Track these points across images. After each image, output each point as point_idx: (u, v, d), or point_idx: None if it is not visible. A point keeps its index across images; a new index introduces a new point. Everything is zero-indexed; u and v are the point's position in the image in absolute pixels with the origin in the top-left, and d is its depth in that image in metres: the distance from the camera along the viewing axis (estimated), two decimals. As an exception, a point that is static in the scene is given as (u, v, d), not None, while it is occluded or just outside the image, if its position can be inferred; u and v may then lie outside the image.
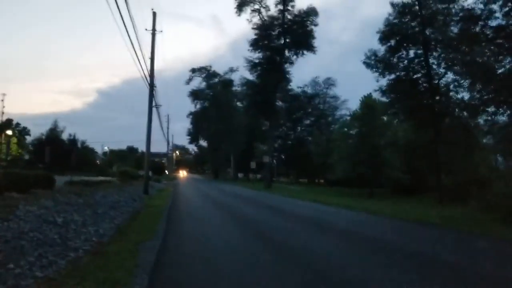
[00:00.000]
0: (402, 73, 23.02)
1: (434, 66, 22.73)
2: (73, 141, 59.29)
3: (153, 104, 21.56)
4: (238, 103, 62.48)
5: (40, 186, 10.42)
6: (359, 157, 28.58)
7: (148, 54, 18.70)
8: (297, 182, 65.73)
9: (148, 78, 18.18)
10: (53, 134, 53.07)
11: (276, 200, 19.51)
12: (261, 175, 72.76)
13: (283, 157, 72.10)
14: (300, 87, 64.09)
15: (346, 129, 34.34)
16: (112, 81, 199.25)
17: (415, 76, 23.16)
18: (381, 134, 29.30)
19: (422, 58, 22.62)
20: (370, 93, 34.20)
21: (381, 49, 23.40)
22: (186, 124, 74.08)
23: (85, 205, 9.12)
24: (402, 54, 23.20)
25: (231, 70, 57.89)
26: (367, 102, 31.37)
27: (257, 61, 35.16)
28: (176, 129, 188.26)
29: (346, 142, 32.17)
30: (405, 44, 23.00)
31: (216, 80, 59.33)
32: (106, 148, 74.72)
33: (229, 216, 12.00)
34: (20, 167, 30.48)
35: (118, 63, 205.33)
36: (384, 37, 22.85)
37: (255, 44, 34.25)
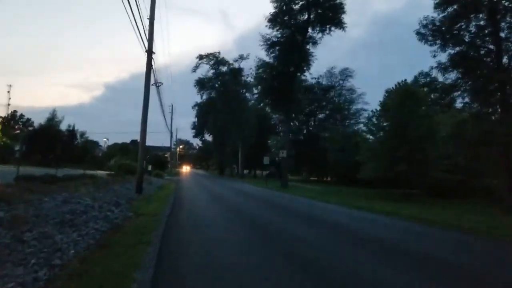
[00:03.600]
0: (466, 46, 18.39)
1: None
2: (71, 132, 55.41)
3: (153, 79, 17.23)
4: (248, 94, 58.03)
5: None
6: (397, 154, 23.99)
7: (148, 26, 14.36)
8: (309, 180, 61.40)
9: (146, 43, 13.83)
10: (49, 125, 49.01)
11: (303, 204, 15.36)
12: (269, 171, 68.60)
13: (293, 153, 67.57)
14: (315, 78, 59.33)
15: (377, 122, 29.69)
16: (120, 75, 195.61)
17: (480, 50, 18.54)
18: (424, 125, 24.66)
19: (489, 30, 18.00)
20: (405, 80, 29.65)
21: (436, 18, 18.83)
22: (191, 118, 69.80)
23: (11, 222, 4.80)
24: (462, 25, 18.58)
25: (241, 57, 53.35)
26: (406, 88, 26.72)
27: (275, 39, 30.38)
28: (180, 124, 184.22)
29: (379, 136, 27.40)
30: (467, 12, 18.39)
31: (225, 69, 54.77)
32: (105, 140, 70.65)
33: (258, 234, 7.67)
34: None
35: (126, 58, 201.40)
36: (443, 2, 18.21)
37: (273, 20, 29.38)
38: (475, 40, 18.46)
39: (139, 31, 13.01)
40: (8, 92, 60.17)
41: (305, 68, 31.63)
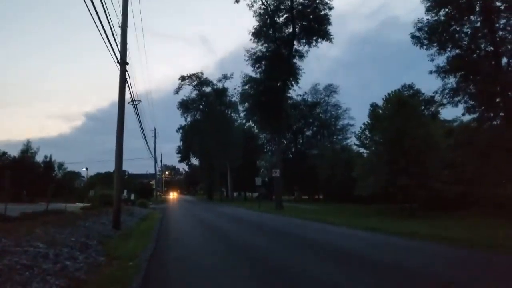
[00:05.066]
0: (463, 49, 17.44)
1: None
2: (48, 164, 52.32)
3: (129, 96, 15.47)
4: (234, 115, 56.60)
5: None
6: (396, 166, 22.55)
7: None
8: (301, 199, 59.52)
9: (118, 54, 12.09)
10: (22, 157, 45.91)
11: (309, 230, 13.55)
12: (259, 193, 66.14)
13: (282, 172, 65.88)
14: (300, 95, 58.59)
15: (370, 134, 28.41)
16: (100, 104, 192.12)
17: (478, 52, 17.61)
18: (421, 135, 23.45)
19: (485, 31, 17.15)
20: (398, 89, 28.81)
21: (430, 20, 17.93)
22: (176, 144, 67.52)
23: None
24: (457, 27, 17.72)
25: (225, 77, 52.27)
26: (399, 97, 25.70)
27: (260, 54, 29.18)
28: (165, 150, 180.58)
29: (375, 149, 25.97)
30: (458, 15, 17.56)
31: (209, 89, 53.43)
32: (84, 170, 67.33)
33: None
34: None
35: (106, 85, 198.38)
36: (436, 5, 17.37)
37: (258, 34, 28.25)
38: (472, 42, 17.60)
39: (109, 43, 11.30)
40: None
41: (293, 82, 30.45)
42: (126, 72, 13.13)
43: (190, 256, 7.92)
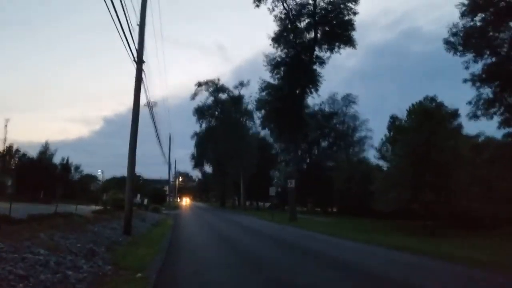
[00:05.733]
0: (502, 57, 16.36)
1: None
2: (65, 166, 52.70)
3: (145, 98, 15.07)
4: (249, 122, 56.08)
5: None
6: (422, 181, 21.35)
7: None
8: (315, 211, 58.13)
9: (135, 52, 11.68)
10: (40, 159, 46.25)
11: (329, 246, 12.75)
12: (271, 203, 65.09)
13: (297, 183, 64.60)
14: (317, 105, 57.62)
15: (392, 147, 27.36)
16: (118, 109, 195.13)
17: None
18: (449, 148, 22.24)
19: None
20: (421, 101, 27.69)
21: (466, 25, 16.98)
22: (190, 150, 67.02)
23: None
24: (493, 33, 16.70)
25: (242, 84, 51.94)
26: (425, 108, 24.62)
27: (279, 59, 28.61)
28: (179, 156, 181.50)
29: (398, 163, 24.74)
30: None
31: (225, 96, 53.18)
32: (100, 172, 67.57)
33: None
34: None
35: (124, 91, 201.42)
36: (472, 9, 16.44)
37: (277, 39, 27.75)
38: (511, 50, 16.53)
39: (127, 40, 10.88)
40: (5, 126, 57.90)
41: (312, 90, 29.63)
42: (142, 72, 12.70)
43: (203, 271, 7.17)
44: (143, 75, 12.96)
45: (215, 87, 51.44)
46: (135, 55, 11.75)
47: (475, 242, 16.98)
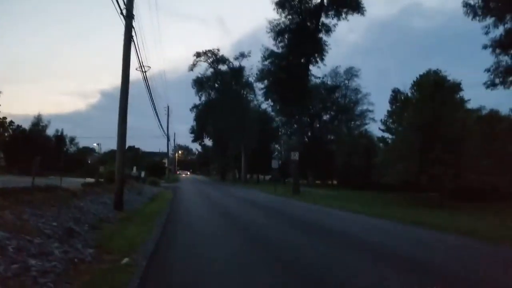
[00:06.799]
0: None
1: None
2: (59, 138, 51.46)
3: (137, 58, 13.66)
4: (250, 95, 54.47)
5: None
6: (431, 154, 20.26)
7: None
8: (316, 184, 57.72)
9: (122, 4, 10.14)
10: (32, 130, 44.92)
11: (341, 221, 11.83)
12: (271, 176, 64.65)
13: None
14: (319, 78, 55.71)
15: (399, 120, 26.04)
16: (115, 82, 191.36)
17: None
18: (459, 121, 21.06)
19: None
20: (431, 70, 26.05)
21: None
22: (189, 124, 65.35)
23: None
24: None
25: (242, 55, 49.72)
26: (436, 79, 23.10)
27: (283, 26, 26.69)
28: (178, 131, 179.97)
29: (406, 135, 23.48)
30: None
31: (225, 68, 51.13)
32: (96, 145, 66.45)
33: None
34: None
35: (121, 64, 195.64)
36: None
37: (281, 4, 25.55)
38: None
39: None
40: None
41: (318, 59, 27.89)
42: (133, 29, 11.21)
43: (202, 250, 6.11)
44: (133, 34, 11.49)
45: (215, 58, 49.34)
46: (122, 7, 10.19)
47: (490, 216, 16.11)
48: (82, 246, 5.66)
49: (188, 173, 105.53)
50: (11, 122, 47.41)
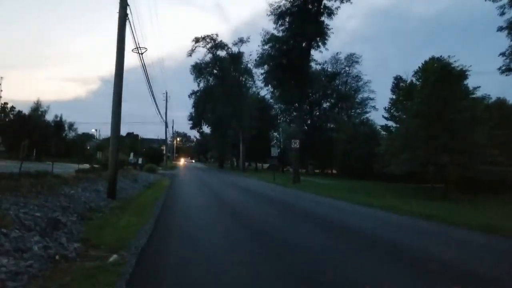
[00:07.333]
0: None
1: None
2: (58, 124, 50.68)
3: (132, 41, 12.95)
4: (249, 83, 53.56)
5: None
6: (438, 142, 19.70)
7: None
8: (315, 173, 57.38)
9: None
10: (29, 116, 44.10)
11: (350, 213, 11.29)
12: (270, 164, 64.22)
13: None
14: (320, 64, 54.78)
15: (402, 106, 25.36)
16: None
17: None
18: (467, 107, 20.43)
19: None
20: (436, 57, 25.32)
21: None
22: (188, 112, 64.42)
23: None
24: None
25: (241, 41, 48.50)
26: (444, 65, 22.37)
27: (284, 9, 25.70)
28: (177, 118, 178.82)
29: (411, 123, 22.79)
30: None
31: (224, 54, 50.02)
32: (94, 131, 65.51)
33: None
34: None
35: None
36: None
37: (282, -16, 24.69)
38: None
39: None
40: (0, 84, 55.59)
41: (320, 43, 27.01)
42: (128, 7, 10.46)
43: (202, 256, 5.50)
44: (129, 12, 10.74)
45: (214, 43, 48.16)
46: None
47: (498, 207, 15.72)
48: (67, 240, 5.12)
49: (186, 160, 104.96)
50: (12, 108, 46.66)
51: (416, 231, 7.93)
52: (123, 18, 10.18)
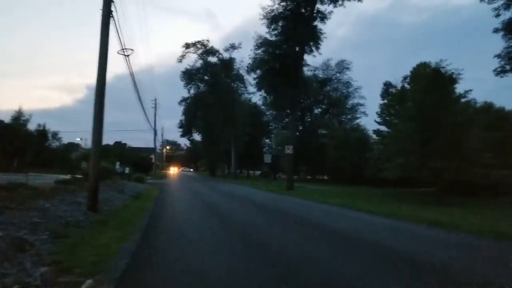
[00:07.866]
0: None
1: None
2: (41, 133, 49.15)
3: (118, 42, 12.21)
4: (241, 89, 53.05)
5: None
6: (432, 147, 19.32)
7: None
8: (307, 179, 56.90)
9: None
10: (10, 125, 42.59)
11: (351, 222, 10.64)
12: (262, 171, 63.68)
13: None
14: (311, 70, 54.74)
15: (394, 112, 25.09)
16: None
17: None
18: (460, 112, 20.21)
19: None
20: (427, 62, 25.19)
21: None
22: (178, 119, 63.29)
23: None
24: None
25: (233, 47, 48.10)
26: (436, 69, 22.12)
27: (277, 13, 25.31)
28: (166, 125, 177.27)
29: (404, 127, 22.43)
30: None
31: (215, 60, 49.51)
32: (79, 140, 63.83)
33: None
34: None
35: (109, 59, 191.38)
36: None
37: (275, -13, 24.38)
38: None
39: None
40: None
41: (313, 48, 26.67)
42: (112, 3, 9.75)
43: (193, 280, 4.70)
44: (113, 9, 10.02)
45: (204, 49, 47.59)
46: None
47: (499, 212, 15.25)
48: (32, 264, 4.31)
49: (177, 169, 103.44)
50: (-6, 118, 44.96)
51: (414, 237, 7.31)
52: (106, 15, 9.46)
